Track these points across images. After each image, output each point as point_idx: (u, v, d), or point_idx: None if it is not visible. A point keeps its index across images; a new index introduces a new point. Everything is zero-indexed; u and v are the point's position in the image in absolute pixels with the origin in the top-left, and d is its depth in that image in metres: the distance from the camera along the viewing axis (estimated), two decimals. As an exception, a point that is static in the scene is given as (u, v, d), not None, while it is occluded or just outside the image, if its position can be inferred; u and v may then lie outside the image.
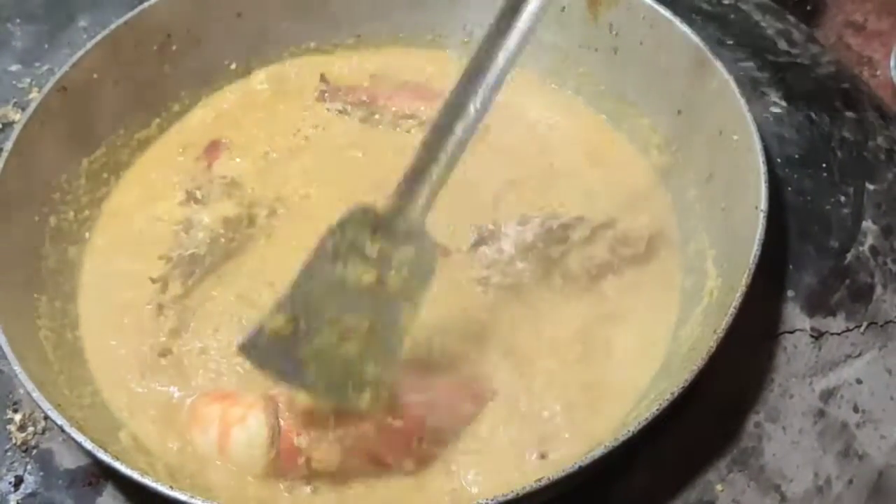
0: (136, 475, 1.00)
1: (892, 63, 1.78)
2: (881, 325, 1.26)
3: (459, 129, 1.08)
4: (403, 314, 1.11)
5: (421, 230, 1.11)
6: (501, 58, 1.06)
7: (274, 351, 1.10)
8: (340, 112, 1.54)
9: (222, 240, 1.34)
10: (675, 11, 1.37)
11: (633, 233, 1.30)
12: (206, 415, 1.18)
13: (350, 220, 1.11)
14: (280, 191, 1.43)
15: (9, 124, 1.52)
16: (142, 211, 1.41)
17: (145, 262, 1.33)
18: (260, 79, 1.58)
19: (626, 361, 1.23)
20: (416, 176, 1.09)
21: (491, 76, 1.07)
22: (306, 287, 1.11)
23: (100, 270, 1.35)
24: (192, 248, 1.32)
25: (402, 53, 1.63)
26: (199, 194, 1.39)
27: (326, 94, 1.56)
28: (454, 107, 1.08)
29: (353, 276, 1.10)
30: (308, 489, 1.14)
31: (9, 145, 1.26)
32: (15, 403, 1.23)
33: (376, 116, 1.53)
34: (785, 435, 1.17)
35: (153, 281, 1.30)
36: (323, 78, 1.58)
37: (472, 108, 1.07)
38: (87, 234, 1.38)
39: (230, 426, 1.14)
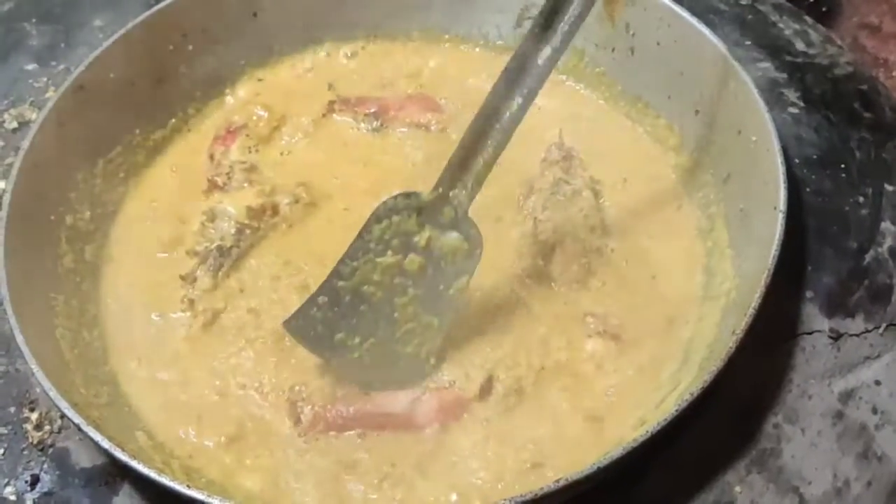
0: (152, 474, 1.00)
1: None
2: (900, 327, 1.26)
3: (505, 120, 1.13)
4: (447, 299, 1.19)
5: (465, 217, 1.17)
6: (542, 58, 1.11)
7: (317, 329, 1.20)
8: (352, 124, 1.53)
9: (247, 231, 1.35)
10: (693, 12, 1.37)
11: None
12: None
13: (396, 207, 1.18)
14: (301, 177, 1.44)
15: (25, 123, 1.53)
16: (160, 208, 1.42)
17: (165, 259, 1.35)
18: (275, 77, 1.59)
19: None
20: (461, 163, 1.16)
21: (533, 75, 1.12)
22: (351, 270, 1.18)
23: (118, 268, 1.36)
24: (218, 241, 1.33)
25: (416, 53, 1.63)
26: (219, 181, 1.40)
27: (336, 105, 1.55)
28: (498, 99, 1.13)
29: (399, 262, 1.19)
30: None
31: (25, 144, 1.27)
32: (31, 402, 1.23)
33: (388, 129, 1.52)
34: (804, 436, 1.17)
35: (182, 278, 1.31)
36: (331, 88, 1.58)
37: (515, 103, 1.13)
38: (103, 234, 1.38)
39: None
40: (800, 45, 1.58)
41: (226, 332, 1.28)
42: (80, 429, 1.04)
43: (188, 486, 0.99)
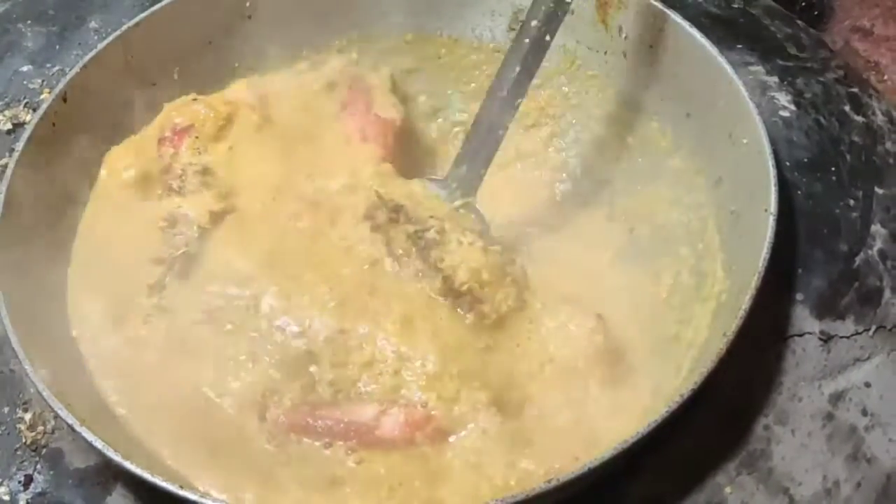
0: (146, 474, 1.00)
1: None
2: (889, 329, 1.26)
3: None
4: None
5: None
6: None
7: None
8: None
9: (209, 234, 1.30)
10: (685, 15, 1.37)
11: None
12: None
13: None
14: (252, 176, 1.38)
15: (20, 125, 1.52)
16: (125, 211, 1.37)
17: (132, 268, 1.31)
18: (269, 80, 1.57)
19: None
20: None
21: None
22: None
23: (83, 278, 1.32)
24: (183, 247, 1.29)
25: (406, 58, 1.63)
26: (175, 185, 1.35)
27: None
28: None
29: None
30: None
31: (20, 146, 1.27)
32: (25, 403, 1.23)
33: None
34: (794, 438, 1.17)
35: (151, 287, 1.27)
36: None
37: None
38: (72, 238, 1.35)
39: None
40: (791, 49, 1.59)
41: (196, 338, 1.23)
42: (73, 429, 1.05)
43: (181, 486, 1.00)
